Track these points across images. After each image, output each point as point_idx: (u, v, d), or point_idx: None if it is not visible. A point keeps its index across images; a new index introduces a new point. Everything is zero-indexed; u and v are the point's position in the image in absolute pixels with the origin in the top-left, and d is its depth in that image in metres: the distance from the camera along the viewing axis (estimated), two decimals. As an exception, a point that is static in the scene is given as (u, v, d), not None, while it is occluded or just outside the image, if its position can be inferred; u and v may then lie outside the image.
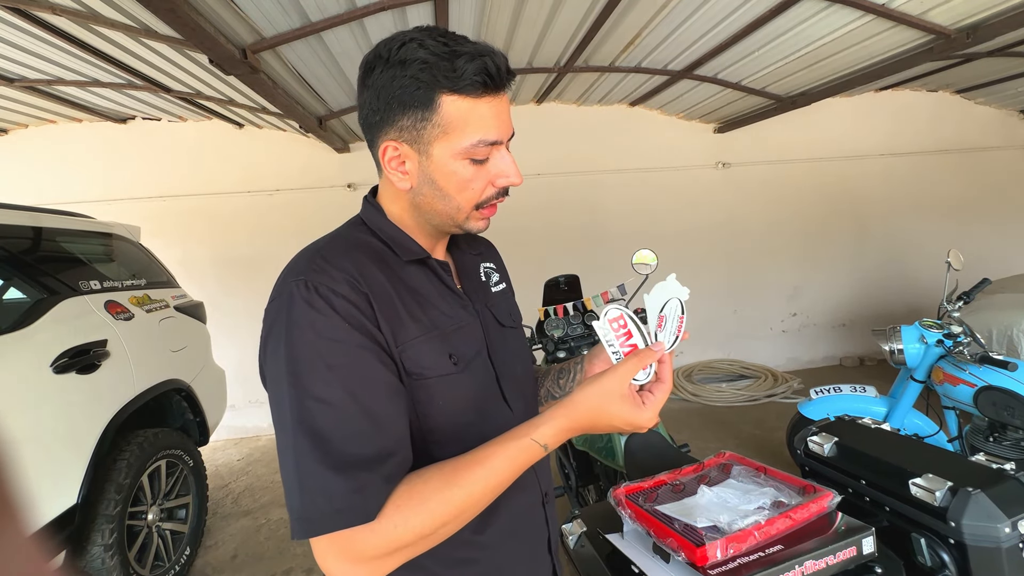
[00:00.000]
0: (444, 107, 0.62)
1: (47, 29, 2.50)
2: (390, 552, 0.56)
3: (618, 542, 1.00)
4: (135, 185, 4.18)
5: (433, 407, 0.65)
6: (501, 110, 0.65)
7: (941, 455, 1.07)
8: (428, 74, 0.60)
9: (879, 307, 5.26)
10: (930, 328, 2.24)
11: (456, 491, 0.57)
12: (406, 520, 0.56)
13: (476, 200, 0.68)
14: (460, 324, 0.72)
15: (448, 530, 0.59)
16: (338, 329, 0.59)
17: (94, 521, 1.94)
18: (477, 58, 0.60)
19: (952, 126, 5.22)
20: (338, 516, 0.54)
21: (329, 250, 0.66)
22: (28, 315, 1.87)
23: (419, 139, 0.64)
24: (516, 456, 0.61)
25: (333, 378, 0.58)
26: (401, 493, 0.57)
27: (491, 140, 0.64)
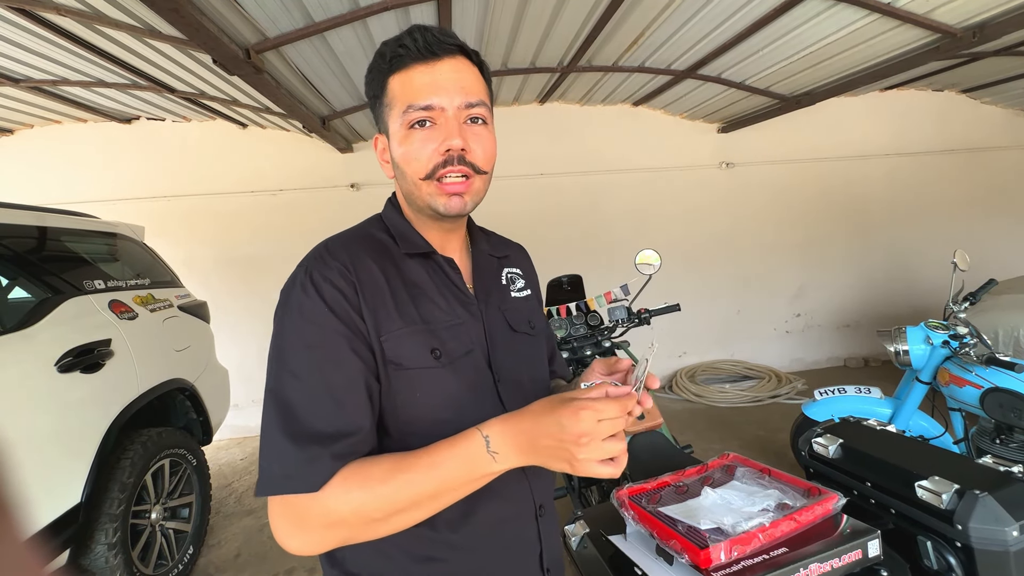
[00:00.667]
0: (389, 87, 0.68)
1: (52, 30, 2.51)
2: (329, 524, 0.58)
3: (621, 544, 0.99)
4: (139, 185, 4.20)
5: (411, 398, 0.67)
6: (438, 76, 0.66)
7: (947, 457, 1.06)
8: (378, 64, 0.69)
9: (884, 308, 5.23)
10: (936, 329, 2.22)
11: (402, 476, 0.58)
12: (348, 495, 0.57)
13: (424, 171, 0.67)
14: (455, 321, 0.72)
15: (394, 517, 0.59)
16: (319, 314, 0.64)
17: (98, 520, 1.95)
18: (403, 35, 0.66)
19: (958, 126, 5.19)
20: (286, 481, 0.58)
21: (335, 243, 0.72)
22: (33, 314, 1.88)
23: (384, 125, 0.71)
24: (465, 452, 0.58)
25: (307, 356, 0.63)
26: (350, 470, 0.59)
27: (421, 103, 0.66)
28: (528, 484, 0.77)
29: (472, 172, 0.69)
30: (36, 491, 1.72)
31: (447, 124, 0.66)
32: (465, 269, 0.80)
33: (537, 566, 0.78)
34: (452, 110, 0.66)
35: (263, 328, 4.39)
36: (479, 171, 0.70)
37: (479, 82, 0.70)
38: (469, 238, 0.85)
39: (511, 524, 0.74)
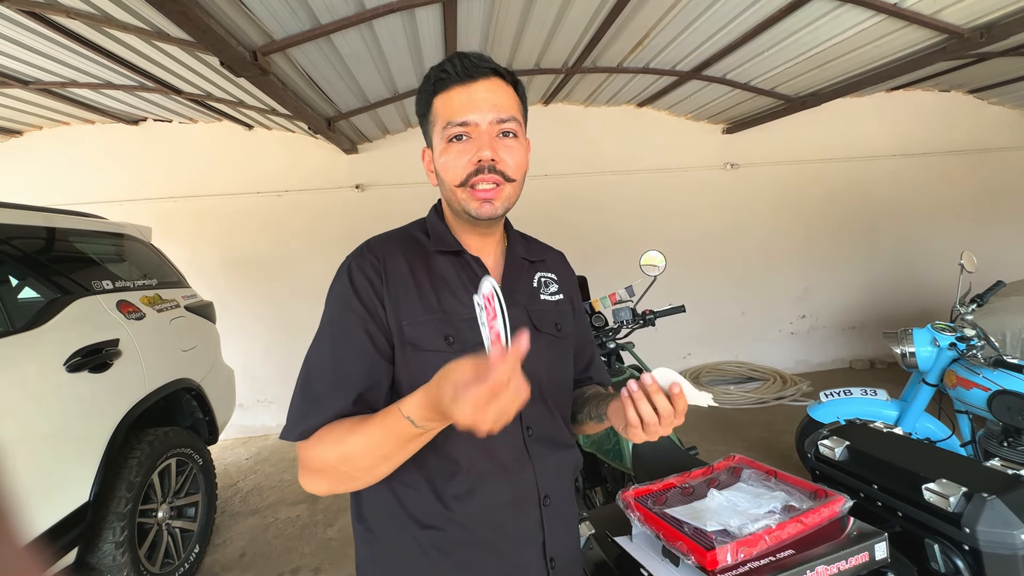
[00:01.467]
0: (434, 106, 0.79)
1: (62, 32, 2.54)
2: (315, 468, 0.70)
3: (627, 545, 0.99)
4: (146, 186, 4.23)
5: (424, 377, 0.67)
6: (474, 95, 0.76)
7: (955, 460, 1.06)
8: (425, 86, 0.79)
9: (890, 309, 5.20)
10: (943, 331, 2.21)
11: (349, 437, 0.68)
12: (317, 448, 0.70)
13: (459, 179, 0.76)
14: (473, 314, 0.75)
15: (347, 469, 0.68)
16: (347, 296, 0.76)
17: (106, 518, 1.97)
18: (445, 61, 0.77)
19: (965, 126, 5.16)
20: (290, 430, 0.72)
21: (376, 240, 0.84)
22: (42, 314, 1.89)
23: (429, 139, 0.81)
24: (387, 420, 0.65)
25: (328, 330, 0.76)
26: (328, 428, 0.70)
27: (458, 120, 0.75)
28: (533, 473, 0.80)
29: (502, 180, 0.77)
30: (45, 490, 1.73)
31: (480, 138, 0.75)
32: (496, 269, 0.87)
33: (539, 555, 0.80)
34: (485, 125, 0.75)
35: (268, 328, 4.42)
36: (509, 179, 0.77)
37: (511, 99, 0.79)
38: (507, 242, 0.93)
39: (510, 508, 0.78)
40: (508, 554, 0.78)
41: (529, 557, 0.79)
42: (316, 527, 2.88)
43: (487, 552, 0.77)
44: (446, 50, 3.05)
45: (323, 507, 3.10)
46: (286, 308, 4.44)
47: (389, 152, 4.49)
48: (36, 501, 1.69)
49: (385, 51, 2.94)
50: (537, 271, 0.92)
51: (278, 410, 4.53)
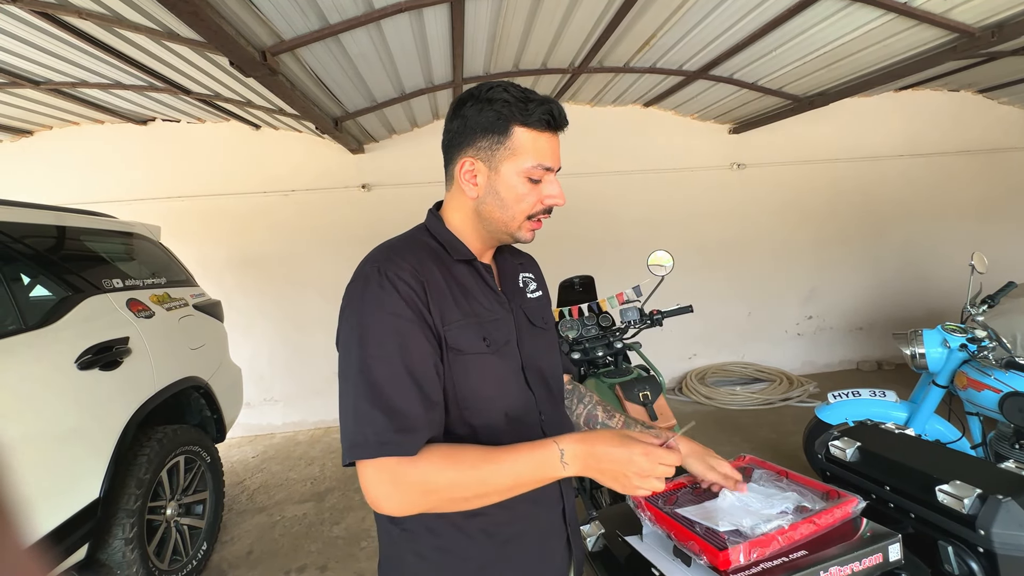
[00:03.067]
0: (515, 135, 0.81)
1: (73, 33, 2.56)
2: (425, 491, 0.70)
3: (637, 544, 0.99)
4: (155, 185, 4.25)
5: (467, 380, 0.80)
6: (555, 146, 0.84)
7: (968, 461, 1.05)
8: (508, 110, 0.80)
9: (898, 311, 5.17)
10: (953, 332, 2.19)
11: (488, 465, 0.72)
12: (444, 471, 0.71)
13: (527, 212, 0.85)
14: (496, 316, 0.86)
15: (470, 495, 0.72)
16: (398, 306, 0.76)
17: (115, 515, 1.98)
18: (544, 104, 0.81)
19: (974, 126, 5.11)
20: (382, 447, 0.70)
21: (399, 246, 0.85)
22: (54, 312, 1.91)
23: (492, 158, 0.83)
24: (542, 456, 0.73)
25: (390, 342, 0.74)
26: (445, 450, 0.73)
27: (546, 166, 0.83)
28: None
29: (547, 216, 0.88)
30: (57, 486, 1.75)
31: (553, 183, 0.85)
32: (494, 273, 0.95)
33: (561, 520, 0.90)
34: (554, 173, 0.86)
35: (274, 328, 4.44)
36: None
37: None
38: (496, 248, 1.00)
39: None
40: (540, 521, 0.87)
41: (555, 520, 0.90)
42: (323, 525, 2.89)
43: (525, 523, 0.85)
44: (453, 50, 3.06)
45: (329, 506, 3.11)
46: (293, 307, 4.46)
47: (396, 152, 4.50)
48: (48, 497, 1.71)
49: (393, 51, 2.95)
50: (520, 272, 1.01)
51: (284, 409, 4.55)
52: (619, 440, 0.73)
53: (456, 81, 3.53)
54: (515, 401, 0.85)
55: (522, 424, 0.86)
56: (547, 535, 0.88)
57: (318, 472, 3.62)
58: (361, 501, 3.13)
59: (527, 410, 0.86)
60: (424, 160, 4.44)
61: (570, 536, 0.92)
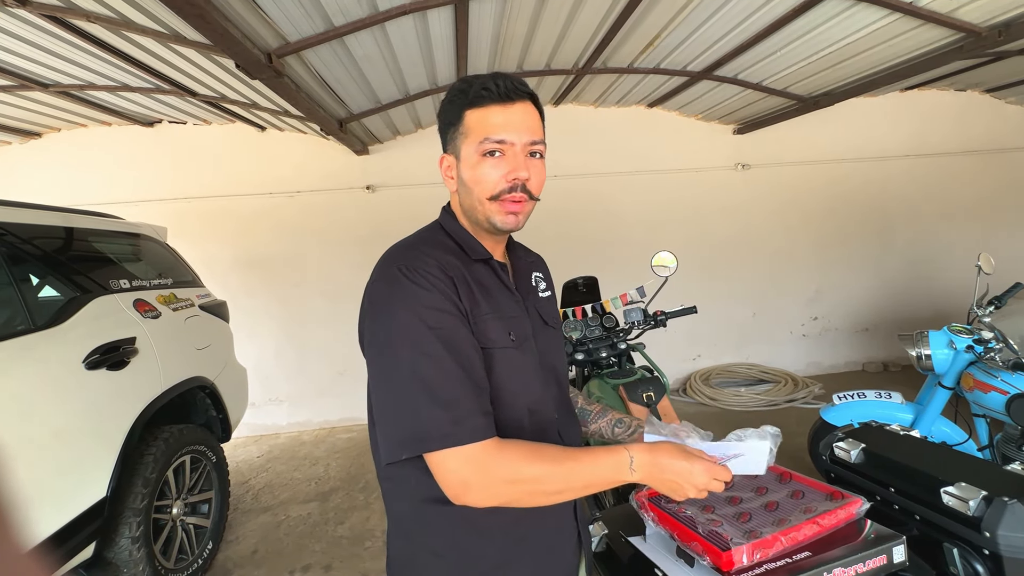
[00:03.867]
0: (466, 118, 0.82)
1: (81, 36, 2.58)
2: (512, 481, 0.73)
3: (641, 545, 0.99)
4: (161, 186, 4.29)
5: (494, 374, 0.81)
6: (511, 117, 0.80)
7: (974, 463, 1.04)
8: (459, 97, 0.82)
9: (904, 311, 5.14)
10: (959, 333, 2.18)
11: (569, 463, 0.75)
12: (531, 463, 0.73)
13: (490, 192, 0.81)
14: (515, 313, 0.88)
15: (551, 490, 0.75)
16: (435, 299, 0.76)
17: (122, 514, 2.00)
18: (487, 79, 0.80)
19: (981, 126, 5.08)
20: (446, 437, 0.71)
21: (420, 244, 0.85)
22: (62, 313, 1.93)
23: (455, 147, 0.84)
24: (615, 460, 0.78)
25: (433, 337, 0.74)
26: (530, 445, 0.76)
27: (496, 138, 0.79)
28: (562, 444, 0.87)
29: (527, 198, 0.83)
30: (66, 484, 1.77)
31: (515, 157, 0.80)
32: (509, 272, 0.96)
33: (572, 517, 0.92)
34: (519, 146, 0.80)
35: (280, 328, 4.46)
36: (532, 197, 0.84)
37: (540, 123, 0.85)
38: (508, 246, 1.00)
39: None
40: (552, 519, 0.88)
41: (567, 518, 0.91)
42: (327, 525, 2.90)
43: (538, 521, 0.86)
44: (457, 52, 3.07)
45: (334, 506, 3.12)
46: (298, 308, 4.48)
47: (400, 153, 4.52)
48: (56, 496, 1.73)
49: (397, 53, 2.97)
50: (531, 271, 1.02)
51: (289, 409, 4.57)
52: (682, 454, 0.79)
53: (460, 82, 3.53)
54: (536, 397, 0.86)
55: (541, 420, 0.87)
56: (559, 532, 0.89)
57: (323, 472, 3.64)
58: (365, 501, 3.14)
59: (545, 407, 0.88)
60: (428, 161, 4.45)
61: (581, 533, 0.93)
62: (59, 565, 1.73)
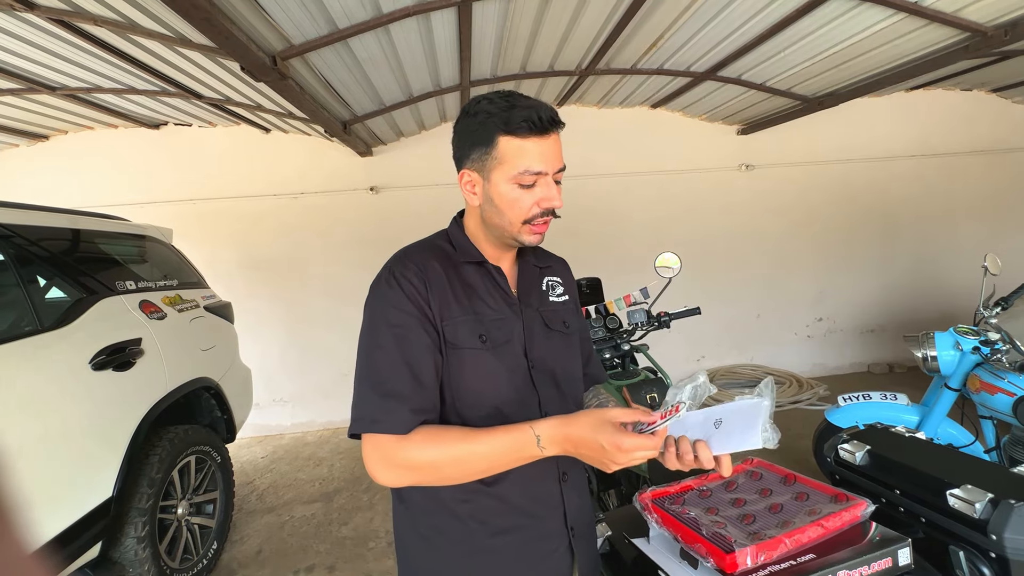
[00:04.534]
0: (500, 145, 0.83)
1: (88, 39, 2.60)
2: (409, 467, 0.78)
3: (644, 547, 0.99)
4: (167, 188, 4.31)
5: (461, 373, 0.85)
6: (546, 149, 0.83)
7: (980, 466, 1.04)
8: (490, 121, 0.83)
9: (910, 313, 5.11)
10: (965, 335, 2.17)
11: (464, 445, 0.77)
12: (426, 449, 0.77)
13: (523, 217, 0.86)
14: (499, 316, 0.90)
15: (451, 472, 0.78)
16: (400, 302, 0.84)
17: (128, 514, 2.01)
18: (526, 109, 0.81)
19: (987, 126, 5.05)
20: (374, 424, 0.78)
21: (411, 251, 0.92)
22: (69, 314, 1.94)
23: (483, 168, 0.86)
24: (516, 439, 0.77)
25: (390, 333, 0.82)
26: (429, 431, 0.79)
27: (535, 170, 0.83)
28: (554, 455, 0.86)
29: (552, 218, 0.88)
30: (72, 484, 1.78)
31: (549, 186, 0.85)
32: (512, 276, 0.98)
33: (562, 524, 0.91)
34: (551, 175, 0.85)
35: (284, 329, 4.48)
36: (555, 216, 0.89)
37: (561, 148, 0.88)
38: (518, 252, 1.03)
39: (537, 483, 0.89)
40: (539, 522, 0.89)
41: (554, 525, 0.91)
42: (331, 526, 2.91)
43: (521, 517, 0.88)
44: (460, 53, 3.07)
45: (338, 506, 3.13)
46: (302, 309, 4.49)
47: (403, 155, 4.53)
48: (63, 495, 1.74)
49: (400, 55, 2.98)
50: (545, 276, 1.03)
51: (293, 409, 4.58)
52: (592, 426, 0.73)
53: (463, 84, 3.54)
54: (509, 398, 0.87)
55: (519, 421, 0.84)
56: (545, 537, 0.89)
57: (327, 473, 3.65)
58: (369, 501, 3.15)
59: (526, 408, 0.88)
60: (431, 162, 4.46)
61: (572, 543, 0.91)
62: (65, 565, 1.74)
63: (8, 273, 1.80)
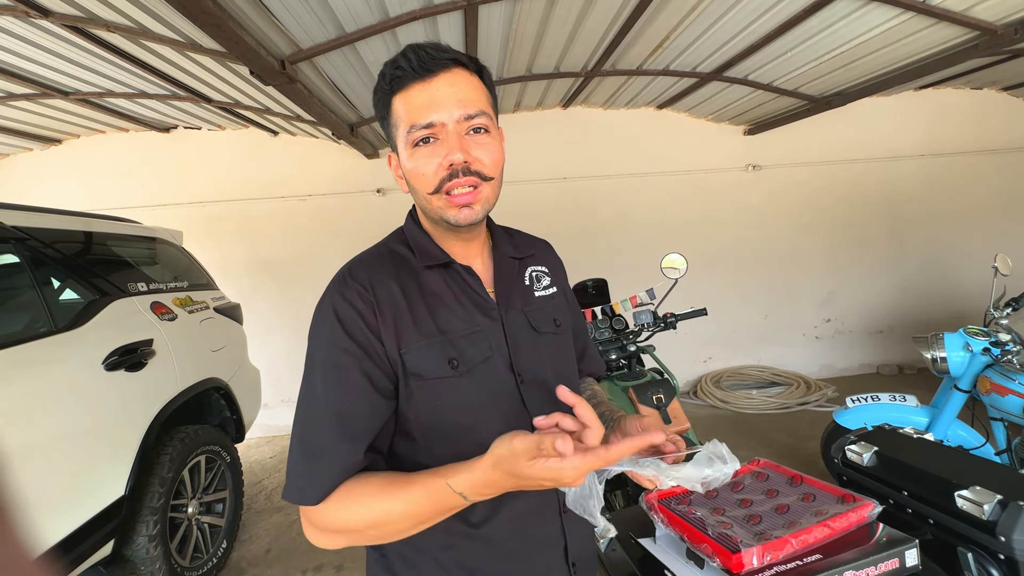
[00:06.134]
0: (393, 107, 0.70)
1: (101, 45, 2.65)
2: (332, 531, 0.66)
3: (650, 547, 0.99)
4: (177, 191, 4.37)
5: (432, 406, 0.70)
6: (434, 93, 0.67)
7: (988, 467, 1.03)
8: (381, 87, 0.71)
9: (919, 313, 5.06)
10: (975, 336, 2.15)
11: (379, 503, 0.64)
12: (337, 512, 0.65)
13: (431, 185, 0.70)
14: (473, 329, 0.75)
15: (376, 533, 0.65)
16: (334, 334, 0.69)
17: (140, 512, 2.04)
18: (402, 56, 0.68)
19: (998, 125, 4.99)
20: (297, 493, 0.66)
21: (356, 265, 0.77)
22: (82, 315, 1.98)
23: (393, 143, 0.74)
24: (433, 493, 0.62)
25: (319, 374, 0.69)
26: (346, 487, 0.65)
27: (422, 123, 0.67)
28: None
29: (480, 180, 0.70)
30: (86, 482, 1.81)
31: (448, 139, 0.68)
32: (486, 274, 0.82)
33: (562, 559, 0.79)
34: (452, 124, 0.68)
35: (292, 330, 4.51)
36: (486, 178, 0.71)
37: (477, 90, 0.71)
38: (492, 241, 0.86)
39: (534, 518, 0.77)
40: (533, 563, 0.77)
41: (553, 562, 0.79)
42: (338, 525, 2.93)
43: (513, 562, 0.75)
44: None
45: (345, 506, 3.15)
46: (310, 310, 4.41)
47: (410, 156, 4.55)
48: (77, 494, 1.77)
49: (407, 58, 2.99)
50: (527, 267, 0.87)
51: (301, 410, 4.61)
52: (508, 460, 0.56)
53: (470, 86, 3.56)
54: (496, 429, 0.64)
55: None
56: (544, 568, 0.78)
57: (334, 473, 3.67)
58: (376, 502, 3.16)
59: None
60: (438, 164, 4.48)
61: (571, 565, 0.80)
62: (79, 561, 1.77)
63: (23, 275, 1.84)
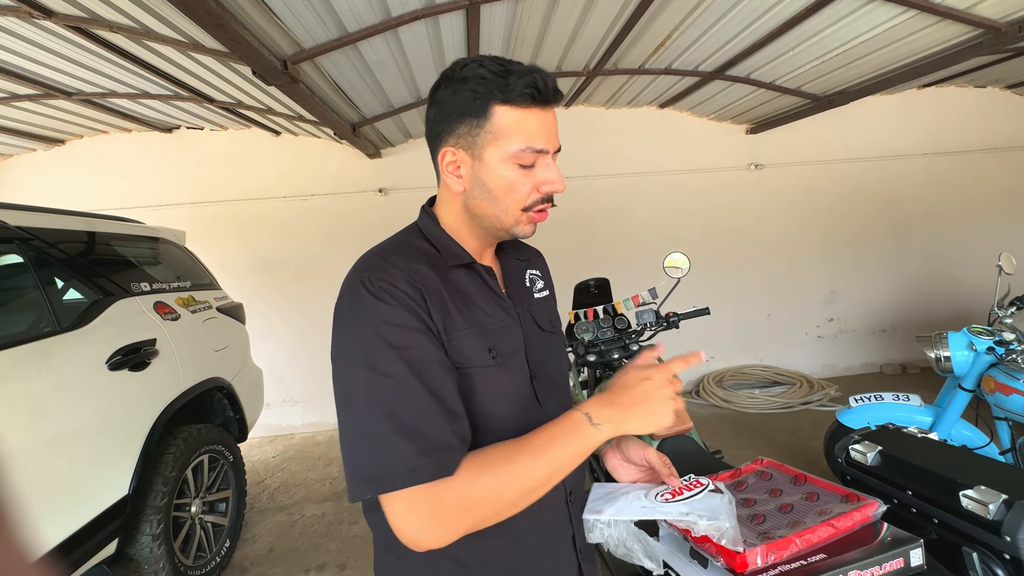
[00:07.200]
0: (496, 116, 0.70)
1: (104, 46, 2.65)
2: (465, 508, 0.62)
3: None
4: (180, 191, 4.38)
5: (472, 396, 0.71)
6: (547, 123, 0.72)
7: (993, 466, 1.03)
8: (484, 87, 0.69)
9: (923, 312, 5.04)
10: (980, 335, 2.14)
11: (523, 457, 0.64)
12: (479, 479, 0.62)
13: (523, 204, 0.74)
14: (500, 324, 0.78)
15: (515, 496, 0.64)
16: (398, 315, 0.67)
17: (143, 511, 2.04)
18: (527, 74, 0.69)
19: (1001, 123, 4.97)
20: (411, 473, 0.60)
21: (388, 252, 0.75)
22: (86, 315, 1.98)
23: (473, 145, 0.72)
24: (566, 427, 0.67)
25: (396, 357, 0.65)
26: (472, 458, 0.64)
27: (537, 148, 0.71)
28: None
29: (551, 205, 0.77)
30: (90, 482, 1.82)
31: (550, 168, 0.73)
32: (497, 274, 0.86)
33: (570, 548, 0.82)
34: (551, 154, 0.74)
35: (294, 330, 4.51)
36: (552, 205, 0.78)
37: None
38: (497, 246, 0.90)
39: (544, 509, 0.77)
40: (546, 553, 0.79)
41: (563, 552, 0.82)
42: (342, 524, 2.94)
43: (528, 553, 0.77)
44: (468, 55, 3.08)
45: (348, 506, 3.15)
46: (312, 310, 4.53)
47: (412, 156, 4.56)
48: (81, 493, 1.77)
49: (409, 57, 3.00)
50: (526, 269, 0.92)
51: (304, 409, 4.62)
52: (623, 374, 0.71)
53: (471, 86, 3.56)
54: (524, 418, 0.75)
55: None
56: (554, 568, 0.81)
57: (337, 472, 3.68)
58: (379, 501, 3.17)
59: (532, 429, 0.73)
60: (440, 164, 4.48)
61: (582, 566, 0.85)
62: (84, 560, 1.78)
63: (27, 275, 1.84)
